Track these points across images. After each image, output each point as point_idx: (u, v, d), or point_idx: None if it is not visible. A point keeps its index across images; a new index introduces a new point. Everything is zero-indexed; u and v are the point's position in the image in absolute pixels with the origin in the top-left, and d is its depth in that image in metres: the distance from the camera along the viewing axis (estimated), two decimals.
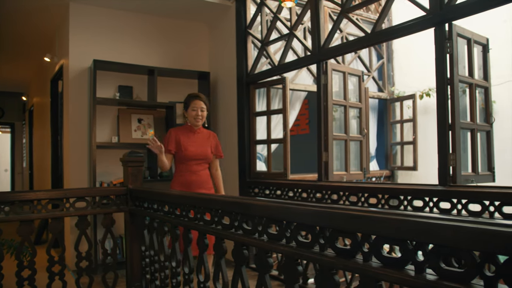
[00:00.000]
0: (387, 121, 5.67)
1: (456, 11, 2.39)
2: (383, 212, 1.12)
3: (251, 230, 1.72)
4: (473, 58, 2.78)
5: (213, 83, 4.80)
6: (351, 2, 3.08)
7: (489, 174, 2.89)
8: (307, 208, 1.37)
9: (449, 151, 2.46)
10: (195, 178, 3.22)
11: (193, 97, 3.26)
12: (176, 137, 3.22)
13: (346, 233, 1.27)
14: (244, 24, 4.20)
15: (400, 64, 5.76)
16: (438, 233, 0.97)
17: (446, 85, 2.44)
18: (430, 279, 1.03)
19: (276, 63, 3.76)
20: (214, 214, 2.00)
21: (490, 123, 2.93)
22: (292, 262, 1.50)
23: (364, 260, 1.21)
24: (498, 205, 2.22)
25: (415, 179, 5.38)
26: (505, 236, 0.83)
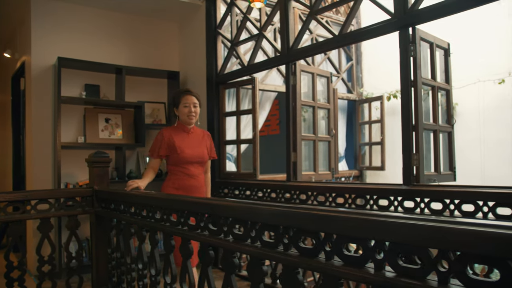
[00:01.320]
0: (356, 122, 5.78)
1: (419, 16, 2.46)
2: (344, 212, 1.13)
3: (217, 230, 1.72)
4: (436, 61, 2.87)
5: (183, 83, 4.75)
6: (320, 4, 3.11)
7: (451, 174, 2.99)
8: (271, 208, 1.38)
9: (413, 151, 2.52)
10: (193, 182, 2.89)
11: (183, 92, 2.91)
12: (170, 140, 2.86)
13: (309, 232, 1.28)
14: (214, 24, 4.18)
15: (369, 66, 5.88)
16: (396, 232, 0.99)
17: (409, 87, 2.51)
18: (389, 276, 1.06)
19: (246, 63, 3.76)
20: (180, 215, 1.99)
21: (452, 125, 3.04)
22: (257, 262, 1.50)
23: (327, 259, 1.23)
24: (458, 203, 2.30)
25: (382, 178, 5.51)
26: (456, 233, 0.85)
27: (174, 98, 2.96)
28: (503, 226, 0.80)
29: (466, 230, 0.84)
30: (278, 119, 6.88)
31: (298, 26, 4.75)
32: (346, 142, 5.77)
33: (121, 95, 4.20)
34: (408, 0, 2.51)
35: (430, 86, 2.82)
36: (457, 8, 2.32)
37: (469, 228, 0.83)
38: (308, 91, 3.85)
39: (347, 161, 5.76)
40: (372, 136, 5.62)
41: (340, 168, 5.41)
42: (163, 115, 4.69)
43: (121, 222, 2.61)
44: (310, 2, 3.14)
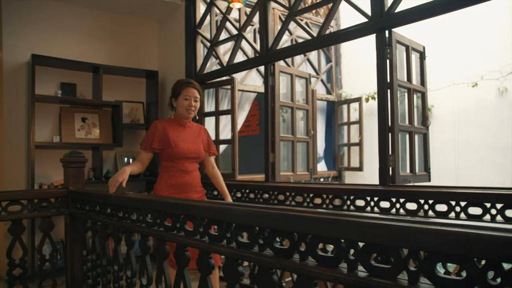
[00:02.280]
0: (335, 123, 5.84)
1: (396, 19, 2.50)
2: (318, 212, 1.14)
3: (193, 231, 1.70)
4: (411, 64, 2.92)
5: (161, 83, 4.70)
6: (299, 6, 3.13)
7: (425, 174, 3.05)
8: (245, 209, 1.37)
9: (389, 153, 2.56)
10: (188, 179, 2.72)
11: (185, 84, 2.70)
12: (163, 132, 2.67)
13: (284, 233, 1.28)
14: (194, 24, 4.16)
15: (348, 67, 5.95)
16: (367, 232, 1.00)
17: (386, 89, 2.55)
18: (361, 276, 1.07)
19: (225, 63, 3.75)
20: (156, 216, 1.97)
21: (427, 126, 3.10)
22: (233, 263, 1.50)
23: (301, 259, 1.23)
24: (432, 204, 2.35)
25: (361, 179, 5.58)
26: (425, 233, 0.87)
27: (175, 88, 2.74)
28: (468, 226, 0.82)
29: (434, 230, 0.85)
30: (258, 119, 6.89)
31: (278, 27, 4.77)
32: (325, 143, 5.82)
33: (98, 94, 4.13)
34: (385, 4, 2.55)
35: (406, 89, 2.87)
36: (432, 13, 2.37)
37: (437, 228, 0.85)
38: (287, 92, 3.87)
39: (326, 162, 5.81)
40: (351, 137, 5.68)
41: (319, 168, 5.45)
42: (142, 115, 4.63)
43: (97, 223, 2.57)
44: (289, 3, 3.15)
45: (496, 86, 4.54)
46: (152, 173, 4.50)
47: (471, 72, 4.67)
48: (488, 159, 4.56)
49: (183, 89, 2.69)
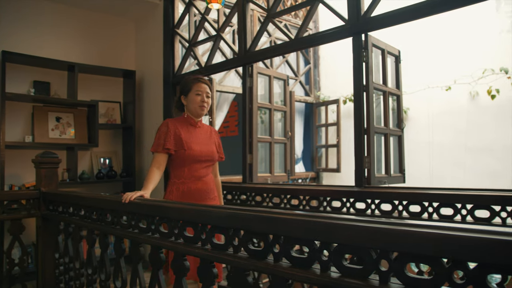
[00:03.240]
0: (313, 125, 5.88)
1: (372, 23, 2.54)
2: (291, 214, 1.15)
3: (168, 233, 1.69)
4: (387, 67, 2.98)
5: (139, 82, 4.65)
6: (277, 8, 3.15)
7: (400, 176, 3.11)
8: (220, 211, 1.37)
9: (364, 154, 2.60)
10: (201, 186, 2.48)
11: (195, 80, 2.52)
12: (176, 132, 2.43)
13: (258, 234, 1.28)
14: (172, 23, 4.12)
15: (326, 70, 6.01)
16: (339, 233, 1.01)
17: (362, 91, 2.58)
18: (333, 276, 1.08)
19: (203, 64, 3.73)
20: (131, 218, 1.94)
21: (401, 129, 3.16)
22: (208, 265, 1.49)
23: (275, 260, 1.24)
24: (406, 204, 2.39)
25: (338, 180, 5.64)
26: (394, 234, 0.89)
27: (184, 85, 2.54)
28: (435, 227, 0.84)
29: (402, 231, 0.87)
30: (236, 120, 6.89)
31: (257, 28, 4.78)
32: (303, 144, 5.86)
33: (73, 93, 4.04)
34: (361, 8, 2.59)
35: (381, 91, 2.92)
36: (408, 17, 2.42)
37: (405, 229, 0.86)
38: (265, 93, 3.88)
39: (304, 163, 5.85)
40: (329, 138, 5.74)
41: (297, 170, 5.48)
42: (118, 115, 4.56)
43: (70, 225, 2.51)
44: (267, 5, 3.16)
45: (468, 90, 4.67)
46: (129, 174, 4.43)
47: (445, 76, 4.79)
48: (460, 160, 4.68)
49: (193, 84, 2.50)
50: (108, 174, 4.31)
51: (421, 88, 5.03)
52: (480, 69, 4.49)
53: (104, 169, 4.39)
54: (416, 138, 5.04)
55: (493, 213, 2.12)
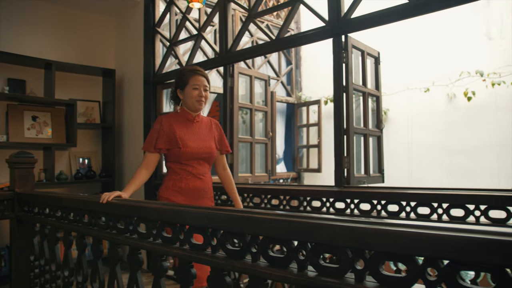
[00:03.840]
0: (295, 125, 5.91)
1: (352, 25, 2.57)
2: (269, 214, 1.15)
3: (146, 233, 1.67)
4: (367, 69, 3.01)
5: (118, 82, 4.58)
6: (258, 8, 3.15)
7: (379, 176, 3.15)
8: (199, 211, 1.36)
9: (344, 154, 2.63)
10: (199, 184, 2.37)
11: (192, 72, 2.35)
12: (170, 129, 2.32)
13: (236, 234, 1.28)
14: (153, 22, 4.08)
15: (308, 70, 6.05)
16: (316, 232, 1.02)
17: (342, 92, 2.61)
18: (310, 275, 1.08)
19: (184, 63, 3.71)
20: (108, 219, 1.91)
21: (381, 129, 3.20)
22: (186, 265, 1.48)
23: (253, 260, 1.24)
24: (384, 204, 2.43)
25: (319, 180, 5.68)
26: (369, 233, 0.90)
27: (180, 77, 2.38)
28: (408, 225, 0.85)
29: (378, 230, 0.88)
30: (218, 120, 6.85)
31: (239, 28, 4.77)
32: (285, 144, 5.88)
33: (50, 91, 3.95)
34: (341, 10, 2.61)
35: (361, 92, 2.95)
36: (387, 20, 2.45)
37: (379, 227, 0.87)
38: (246, 93, 3.88)
39: (285, 163, 5.88)
40: (310, 138, 5.77)
41: (278, 170, 5.50)
42: (98, 114, 4.49)
43: (46, 227, 2.46)
44: (249, 5, 3.16)
45: (446, 92, 4.77)
46: (108, 174, 4.37)
47: (423, 77, 4.88)
48: (438, 160, 4.77)
49: (190, 77, 2.34)
50: (87, 174, 4.24)
51: (401, 89, 5.12)
52: (457, 72, 4.59)
53: (82, 170, 4.31)
54: (396, 139, 5.12)
55: (467, 212, 2.17)
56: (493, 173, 4.26)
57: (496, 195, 2.09)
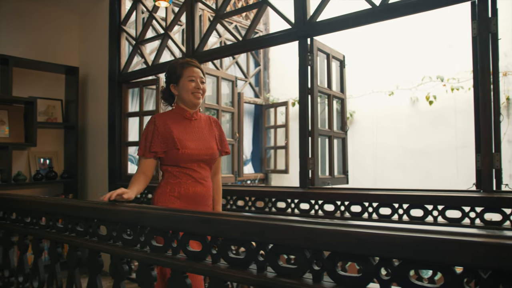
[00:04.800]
0: (262, 126, 5.94)
1: (317, 28, 2.61)
2: (229, 215, 1.15)
3: (106, 236, 1.63)
4: (332, 72, 3.06)
5: (82, 80, 4.45)
6: (226, 9, 3.14)
7: (344, 177, 3.21)
8: (158, 212, 1.34)
9: (309, 156, 2.66)
10: (200, 189, 2.10)
11: (186, 64, 2.12)
12: (165, 129, 2.06)
13: (196, 235, 1.27)
14: (118, 20, 3.99)
15: (276, 72, 6.09)
16: (274, 233, 1.02)
17: (307, 94, 2.64)
18: (269, 276, 1.09)
19: (150, 63, 3.65)
20: (67, 221, 1.85)
21: (345, 131, 3.26)
22: (146, 268, 1.45)
23: (213, 262, 1.23)
24: (348, 205, 2.47)
25: (287, 181, 5.72)
26: (326, 234, 0.91)
27: (173, 70, 2.13)
28: (363, 226, 0.87)
29: (333, 231, 0.89)
30: None
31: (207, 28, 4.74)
32: (253, 146, 5.89)
33: (7, 89, 3.79)
34: (307, 13, 2.65)
35: (326, 95, 3.00)
36: (351, 24, 2.50)
37: (336, 228, 0.89)
38: (212, 94, 3.86)
39: (253, 164, 5.89)
40: (277, 140, 5.81)
41: (246, 171, 5.50)
42: (60, 113, 4.35)
43: None
44: (216, 6, 3.15)
45: (409, 95, 4.92)
46: (71, 175, 4.23)
47: (388, 81, 5.02)
48: (401, 162, 4.92)
49: (184, 69, 2.10)
50: (48, 175, 4.09)
51: (366, 92, 5.24)
52: (420, 76, 4.75)
53: (43, 170, 4.16)
54: (361, 141, 5.23)
55: (426, 212, 2.24)
56: (453, 174, 4.43)
57: (452, 196, 2.17)
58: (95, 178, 4.30)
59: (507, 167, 4.25)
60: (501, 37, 2.17)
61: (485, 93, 2.07)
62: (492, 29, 2.05)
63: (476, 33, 2.10)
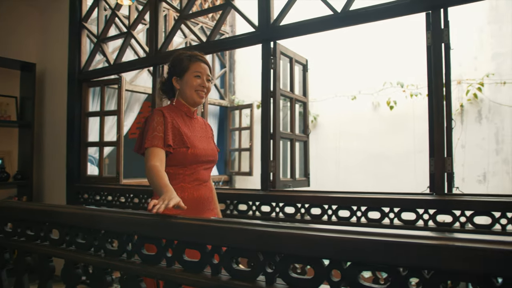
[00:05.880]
0: (227, 128, 5.93)
1: (280, 32, 2.64)
2: (183, 218, 1.14)
3: (59, 240, 1.57)
4: (295, 75, 3.11)
5: (39, 77, 4.29)
6: (190, 9, 3.12)
7: (305, 180, 3.26)
8: (113, 215, 1.31)
9: (270, 158, 2.68)
10: (204, 192, 1.92)
11: (194, 57, 1.93)
12: (174, 124, 1.85)
13: (152, 239, 1.25)
14: (79, 16, 3.87)
15: (241, 74, 6.10)
16: (227, 236, 1.02)
17: (269, 97, 2.66)
18: (223, 279, 1.09)
19: (112, 61, 3.56)
20: (17, 225, 1.77)
21: (307, 134, 3.31)
22: (101, 272, 1.41)
23: (168, 265, 1.21)
24: (308, 207, 2.51)
25: (251, 184, 5.74)
26: (277, 236, 0.92)
27: (178, 62, 1.94)
28: (314, 229, 0.88)
29: (286, 233, 0.90)
30: None
31: None
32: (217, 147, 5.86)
33: None
34: (270, 16, 2.67)
35: (288, 98, 3.03)
36: (314, 29, 2.55)
37: (288, 231, 0.90)
38: None
39: (217, 166, 5.86)
40: (242, 142, 5.82)
41: (216, 172, 5.48)
42: (14, 110, 4.16)
43: None
44: (180, 6, 3.12)
45: (371, 100, 5.06)
46: (25, 177, 4.05)
47: (351, 86, 5.14)
48: (363, 165, 5.04)
49: (191, 63, 1.91)
50: None
51: (330, 96, 5.34)
52: (381, 82, 4.89)
53: None
54: (325, 144, 5.33)
55: (383, 214, 2.31)
56: (411, 178, 4.58)
57: (408, 199, 2.25)
58: (52, 179, 4.15)
59: (460, 171, 4.45)
60: (453, 47, 2.28)
61: (438, 100, 2.16)
62: (445, 40, 2.15)
63: (430, 43, 2.18)
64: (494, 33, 4.34)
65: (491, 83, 4.36)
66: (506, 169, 4.26)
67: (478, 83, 4.39)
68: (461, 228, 2.12)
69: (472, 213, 2.08)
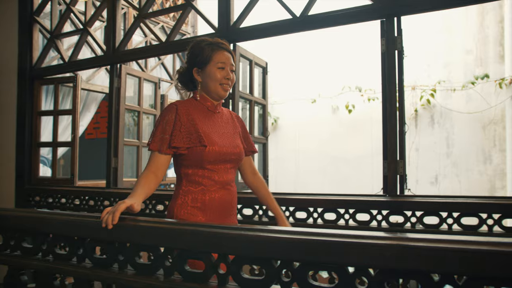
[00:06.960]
0: None
1: (239, 34, 2.65)
2: (135, 220, 1.12)
3: (3, 245, 1.50)
4: (254, 78, 3.12)
5: None
6: (149, 8, 3.07)
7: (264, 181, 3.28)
8: (62, 218, 1.27)
9: None
10: (227, 196, 1.72)
11: (217, 46, 1.71)
12: (189, 121, 1.66)
13: (102, 242, 1.22)
14: (30, 9, 3.69)
15: None
16: (179, 238, 1.02)
17: (228, 99, 2.66)
18: (176, 281, 1.08)
19: (67, 58, 3.44)
20: None
21: (266, 136, 3.34)
22: (48, 278, 1.36)
23: (120, 269, 1.19)
24: (265, 209, 2.53)
25: None
26: (227, 238, 0.92)
27: (199, 51, 1.70)
28: (266, 230, 0.89)
29: (236, 235, 0.91)
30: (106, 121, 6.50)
31: None
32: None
33: None
34: (230, 18, 2.67)
35: (248, 100, 3.05)
36: (273, 32, 2.58)
37: (239, 233, 0.91)
38: (134, 95, 3.74)
39: None
40: None
41: (170, 174, 5.39)
42: None
43: None
44: (139, 5, 3.06)
45: (330, 104, 5.18)
46: None
47: (311, 89, 5.24)
48: (322, 167, 5.14)
49: (214, 52, 1.69)
50: None
51: (290, 99, 5.42)
52: (340, 86, 5.02)
53: None
54: (285, 146, 5.40)
55: (338, 216, 2.36)
56: (369, 180, 4.72)
57: (362, 200, 2.31)
58: (0, 182, 3.94)
59: (414, 173, 4.64)
60: (408, 54, 2.38)
61: (392, 104, 2.24)
62: (398, 47, 2.23)
63: (384, 50, 2.26)
64: (446, 42, 4.57)
65: (442, 89, 4.58)
66: (455, 171, 4.48)
67: (431, 90, 4.60)
68: (411, 228, 2.21)
69: (422, 213, 2.17)
